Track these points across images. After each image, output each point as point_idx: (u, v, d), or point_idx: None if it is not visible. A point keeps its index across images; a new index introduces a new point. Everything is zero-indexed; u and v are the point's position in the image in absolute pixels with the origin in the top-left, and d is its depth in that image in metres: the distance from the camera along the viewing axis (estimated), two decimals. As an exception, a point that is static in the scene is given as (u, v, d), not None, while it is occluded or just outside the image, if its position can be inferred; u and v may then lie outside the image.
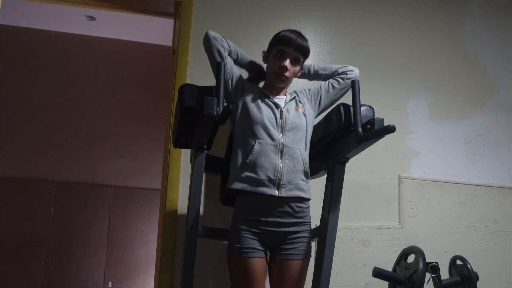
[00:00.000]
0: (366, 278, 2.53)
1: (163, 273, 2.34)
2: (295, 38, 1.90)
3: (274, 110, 1.90)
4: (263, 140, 1.83)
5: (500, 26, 3.14)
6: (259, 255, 1.79)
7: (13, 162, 4.60)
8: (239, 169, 1.83)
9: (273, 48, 1.94)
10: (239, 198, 1.86)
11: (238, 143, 1.88)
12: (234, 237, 1.81)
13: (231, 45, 1.97)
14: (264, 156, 1.82)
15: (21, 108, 4.72)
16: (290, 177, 1.83)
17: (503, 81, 3.06)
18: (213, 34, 1.92)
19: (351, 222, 2.60)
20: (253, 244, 1.78)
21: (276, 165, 1.82)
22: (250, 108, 1.88)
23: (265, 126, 1.85)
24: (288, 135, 1.87)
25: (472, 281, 1.99)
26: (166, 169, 2.52)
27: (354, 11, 2.90)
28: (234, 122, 1.92)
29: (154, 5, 2.78)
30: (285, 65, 1.90)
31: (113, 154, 4.90)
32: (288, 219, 1.82)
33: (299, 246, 1.84)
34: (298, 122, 1.90)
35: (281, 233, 1.82)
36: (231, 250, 1.81)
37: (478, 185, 2.84)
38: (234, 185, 1.83)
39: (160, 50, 4.97)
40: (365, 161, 2.64)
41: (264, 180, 1.80)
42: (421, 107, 2.88)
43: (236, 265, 1.79)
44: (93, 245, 4.67)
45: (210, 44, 1.91)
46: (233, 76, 1.94)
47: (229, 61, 1.94)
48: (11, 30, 4.78)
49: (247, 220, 1.80)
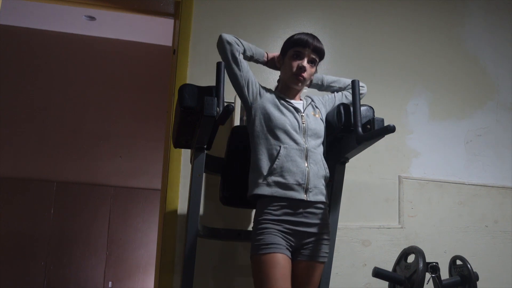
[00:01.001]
0: (366, 278, 2.53)
1: (163, 273, 2.34)
2: (311, 40, 1.91)
3: (296, 115, 1.90)
4: (288, 145, 1.82)
5: (500, 26, 3.14)
6: (286, 253, 1.75)
7: (13, 162, 4.60)
8: (265, 174, 1.80)
9: (288, 51, 1.93)
10: (262, 200, 1.82)
11: (260, 148, 1.85)
12: (260, 237, 1.75)
13: (245, 44, 1.95)
14: (291, 160, 1.81)
15: (21, 108, 4.72)
16: (315, 181, 1.83)
17: (503, 81, 3.06)
18: (227, 38, 1.89)
19: (351, 222, 2.60)
20: (280, 241, 1.74)
21: (304, 169, 1.81)
22: (271, 112, 1.87)
23: (288, 131, 1.84)
24: (310, 140, 1.87)
25: (472, 281, 1.99)
26: (166, 169, 2.52)
27: (354, 11, 2.90)
28: (253, 126, 1.89)
29: (154, 5, 2.78)
30: (303, 65, 1.89)
31: (113, 154, 4.90)
32: (313, 220, 1.81)
33: (322, 248, 1.83)
34: (318, 128, 1.92)
35: (306, 233, 1.80)
36: (258, 249, 1.73)
37: (478, 185, 2.84)
38: (261, 190, 1.80)
39: (160, 50, 4.97)
40: (365, 161, 2.64)
41: (293, 185, 1.79)
42: (421, 107, 2.88)
43: (264, 262, 1.70)
44: (93, 245, 4.67)
45: (225, 49, 1.89)
46: (249, 81, 1.91)
47: (245, 65, 1.91)
48: (11, 30, 4.79)
49: (274, 220, 1.76)
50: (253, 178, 1.85)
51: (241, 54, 1.91)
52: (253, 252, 1.76)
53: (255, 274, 1.74)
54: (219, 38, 1.91)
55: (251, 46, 1.98)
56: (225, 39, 1.89)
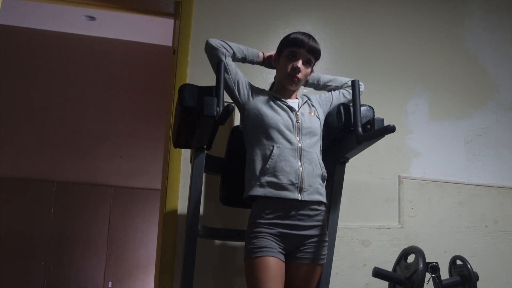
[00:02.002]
0: (366, 278, 2.53)
1: (163, 273, 2.34)
2: (307, 40, 1.89)
3: (290, 113, 1.88)
4: (281, 144, 1.81)
5: (500, 26, 3.14)
6: (279, 256, 1.73)
7: (13, 162, 4.60)
8: (258, 175, 1.79)
9: (283, 51, 1.92)
10: (256, 202, 1.81)
11: (254, 149, 1.84)
12: (253, 241, 1.74)
13: (234, 47, 1.94)
14: (284, 160, 1.79)
15: (21, 108, 4.73)
16: (310, 181, 1.81)
17: (503, 81, 3.06)
18: (213, 43, 1.90)
19: (351, 222, 2.60)
20: (273, 245, 1.73)
21: (297, 169, 1.79)
22: (264, 112, 1.86)
23: (281, 130, 1.83)
24: (305, 139, 1.85)
25: (472, 281, 1.99)
26: (166, 169, 2.52)
27: (354, 11, 2.90)
28: (247, 127, 1.89)
29: (154, 5, 2.78)
30: (297, 66, 1.88)
31: (113, 154, 4.90)
32: (308, 222, 1.79)
33: (317, 251, 1.80)
34: (313, 127, 1.90)
35: (301, 237, 1.78)
36: (250, 253, 1.72)
37: (478, 185, 2.84)
38: (254, 191, 1.78)
39: (160, 50, 4.97)
40: (365, 161, 2.63)
41: (286, 185, 1.77)
42: (421, 107, 2.88)
43: (256, 265, 1.70)
44: (93, 245, 4.67)
45: (211, 54, 1.90)
46: (238, 82, 1.91)
47: (233, 67, 1.91)
48: (11, 30, 4.79)
49: (267, 224, 1.75)
50: (248, 179, 1.85)
51: (228, 57, 1.90)
52: (246, 255, 1.75)
53: (247, 277, 1.73)
54: (206, 43, 1.92)
55: (243, 48, 1.97)
56: (210, 44, 1.90)
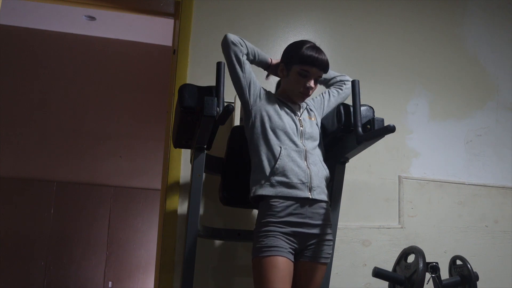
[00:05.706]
0: (366, 278, 2.53)
1: (163, 273, 2.34)
2: (319, 57, 1.88)
3: (294, 118, 1.91)
4: (288, 146, 1.83)
5: (500, 26, 3.14)
6: (288, 256, 1.74)
7: (13, 162, 4.60)
8: (268, 175, 1.80)
9: (293, 66, 1.90)
10: (266, 202, 1.80)
11: (260, 150, 1.85)
12: (263, 240, 1.74)
13: (249, 46, 1.94)
14: (292, 161, 1.81)
15: (21, 108, 4.72)
16: (317, 181, 1.83)
17: (503, 81, 3.06)
18: (232, 38, 1.89)
19: (351, 222, 2.60)
20: (283, 244, 1.73)
21: (305, 169, 1.82)
22: (271, 115, 1.88)
23: (287, 133, 1.85)
24: (307, 143, 1.88)
25: (472, 281, 1.99)
26: (166, 169, 2.53)
27: (354, 11, 2.90)
28: (253, 127, 1.89)
29: (154, 5, 2.78)
30: (311, 86, 1.90)
31: (113, 154, 4.90)
32: (318, 221, 1.81)
33: (325, 249, 1.83)
34: (314, 132, 1.93)
35: (310, 235, 1.79)
36: (259, 252, 1.73)
37: (478, 185, 2.84)
38: (265, 191, 1.79)
39: (160, 50, 4.97)
40: (365, 161, 2.64)
41: (297, 184, 1.79)
42: (421, 107, 2.88)
43: (264, 264, 1.70)
44: (93, 245, 4.67)
45: (229, 50, 1.89)
46: (251, 82, 1.91)
47: (248, 67, 1.91)
48: (11, 30, 4.78)
49: (279, 223, 1.75)
50: (256, 179, 1.84)
51: (244, 55, 1.91)
52: (254, 254, 1.75)
53: (255, 276, 1.73)
54: (224, 38, 1.90)
55: (256, 49, 1.97)
56: (230, 40, 1.89)
